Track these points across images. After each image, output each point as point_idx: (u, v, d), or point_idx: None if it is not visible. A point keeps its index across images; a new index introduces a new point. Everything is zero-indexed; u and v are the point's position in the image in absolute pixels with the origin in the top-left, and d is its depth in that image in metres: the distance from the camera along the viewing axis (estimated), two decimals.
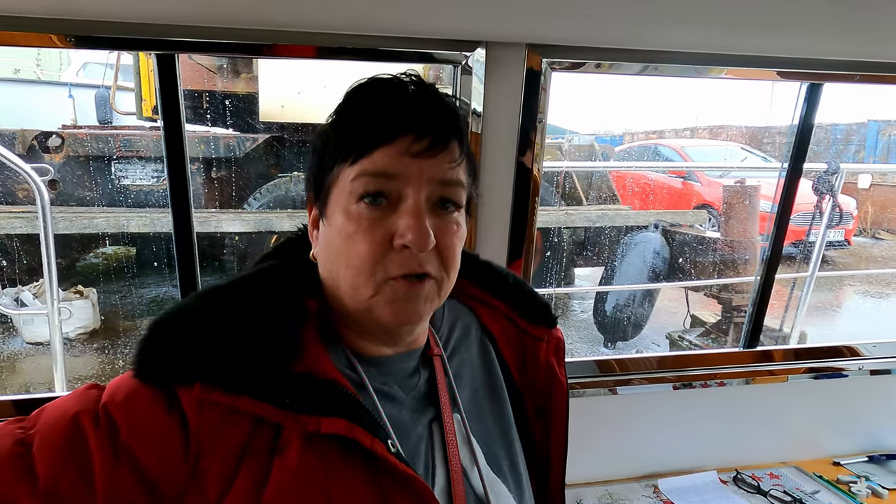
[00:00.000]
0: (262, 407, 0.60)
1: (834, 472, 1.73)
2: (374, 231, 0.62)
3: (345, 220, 0.63)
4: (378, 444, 0.61)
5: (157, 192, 4.79)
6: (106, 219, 4.24)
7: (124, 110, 5.50)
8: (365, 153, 0.62)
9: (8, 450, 0.57)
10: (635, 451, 1.73)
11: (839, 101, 18.28)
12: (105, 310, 4.69)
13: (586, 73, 1.48)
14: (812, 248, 3.05)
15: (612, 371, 1.71)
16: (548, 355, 0.84)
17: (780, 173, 1.69)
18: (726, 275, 4.46)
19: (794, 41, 1.43)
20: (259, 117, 4.75)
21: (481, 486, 0.70)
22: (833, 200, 2.88)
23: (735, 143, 9.62)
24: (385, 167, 0.62)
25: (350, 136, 0.64)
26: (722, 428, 1.76)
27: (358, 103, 0.66)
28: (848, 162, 10.43)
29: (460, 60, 1.36)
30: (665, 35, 1.37)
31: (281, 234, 4.65)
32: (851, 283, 6.11)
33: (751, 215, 4.36)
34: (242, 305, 0.64)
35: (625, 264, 4.61)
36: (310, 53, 1.24)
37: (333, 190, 0.65)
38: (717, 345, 4.30)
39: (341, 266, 0.64)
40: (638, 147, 8.86)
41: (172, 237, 1.35)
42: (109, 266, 5.33)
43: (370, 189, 0.62)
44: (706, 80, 1.69)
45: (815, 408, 1.80)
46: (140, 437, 0.58)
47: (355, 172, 0.62)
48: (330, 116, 0.68)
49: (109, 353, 4.32)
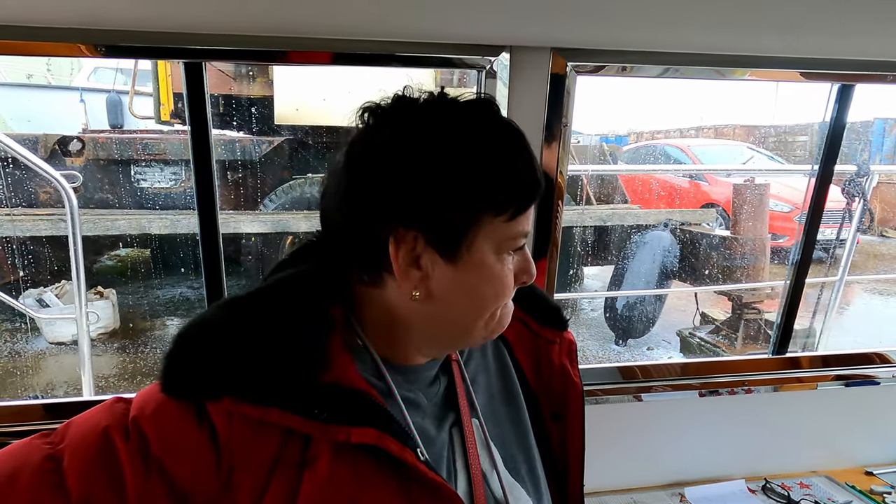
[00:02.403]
0: (292, 419, 0.58)
1: (866, 482, 1.64)
2: (511, 276, 0.67)
3: (498, 268, 0.65)
4: (408, 452, 0.61)
5: (174, 194, 4.76)
6: (128, 221, 4.21)
7: (142, 115, 5.49)
8: (523, 211, 0.64)
9: (38, 465, 0.56)
10: (660, 459, 1.66)
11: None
12: (123, 310, 4.67)
13: (610, 76, 1.44)
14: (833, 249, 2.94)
15: (635, 377, 1.65)
16: (561, 358, 0.83)
17: (809, 174, 1.61)
18: (736, 272, 4.38)
19: (822, 41, 1.37)
20: (274, 120, 4.71)
21: (501, 491, 0.70)
22: (864, 203, 2.78)
23: (741, 142, 9.48)
24: (526, 226, 0.66)
25: (508, 192, 0.63)
26: (749, 436, 1.69)
27: (496, 151, 0.63)
28: (855, 160, 10.28)
29: (485, 65, 1.34)
30: (688, 36, 1.32)
31: (296, 234, 4.61)
32: (860, 282, 5.99)
33: (760, 214, 4.28)
34: (269, 318, 0.63)
35: (635, 262, 4.53)
36: (333, 60, 1.20)
37: (477, 238, 0.63)
38: (727, 341, 4.22)
39: (477, 306, 0.66)
40: (645, 147, 8.74)
41: (189, 239, 1.33)
42: (125, 268, 5.32)
43: (520, 245, 0.66)
44: (723, 81, 1.63)
45: (846, 415, 1.72)
46: (171, 450, 0.57)
47: (514, 231, 0.64)
48: (443, 153, 0.61)
49: (130, 353, 4.30)
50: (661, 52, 1.37)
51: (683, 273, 4.68)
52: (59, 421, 1.39)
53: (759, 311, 4.16)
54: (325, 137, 4.99)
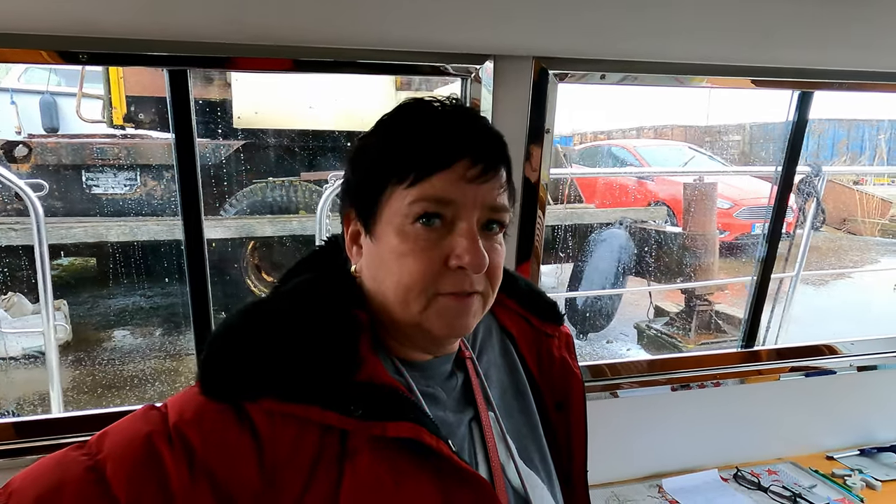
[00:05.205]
0: (331, 416, 0.59)
1: (828, 466, 1.72)
2: (429, 251, 0.63)
3: (399, 240, 0.63)
4: (443, 444, 0.62)
5: (130, 200, 4.54)
6: (84, 229, 3.98)
7: (91, 118, 5.20)
8: (423, 177, 0.62)
9: (80, 476, 0.56)
10: (638, 452, 1.69)
11: (776, 103, 18.99)
12: (74, 322, 4.41)
13: (591, 83, 1.45)
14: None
15: (604, 376, 1.67)
16: (561, 351, 0.85)
17: (774, 177, 1.67)
18: (688, 266, 4.52)
19: (780, 51, 1.43)
20: (233, 123, 4.55)
21: (518, 480, 0.72)
22: (818, 202, 2.91)
23: (679, 141, 9.81)
24: (443, 193, 0.62)
25: (407, 159, 0.63)
26: (720, 427, 1.74)
27: (412, 125, 0.65)
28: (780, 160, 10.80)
29: (470, 73, 1.33)
30: (667, 45, 1.36)
31: (259, 240, 4.48)
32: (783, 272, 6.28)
33: (709, 211, 4.42)
34: (302, 320, 0.64)
35: (594, 259, 4.61)
36: (322, 67, 1.18)
37: (385, 209, 0.64)
38: (682, 332, 4.36)
39: (392, 282, 0.64)
40: (594, 148, 8.92)
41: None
42: (68, 278, 5.03)
43: (429, 212, 0.62)
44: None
45: (807, 405, 1.79)
46: (215, 453, 0.57)
47: (413, 196, 0.62)
48: (374, 134, 0.67)
49: (87, 365, 4.06)
50: (637, 60, 1.40)
51: (639, 268, 4.80)
52: (31, 440, 1.30)
53: (710, 303, 4.31)
54: (286, 141, 4.87)
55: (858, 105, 12.97)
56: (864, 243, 8.61)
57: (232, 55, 1.07)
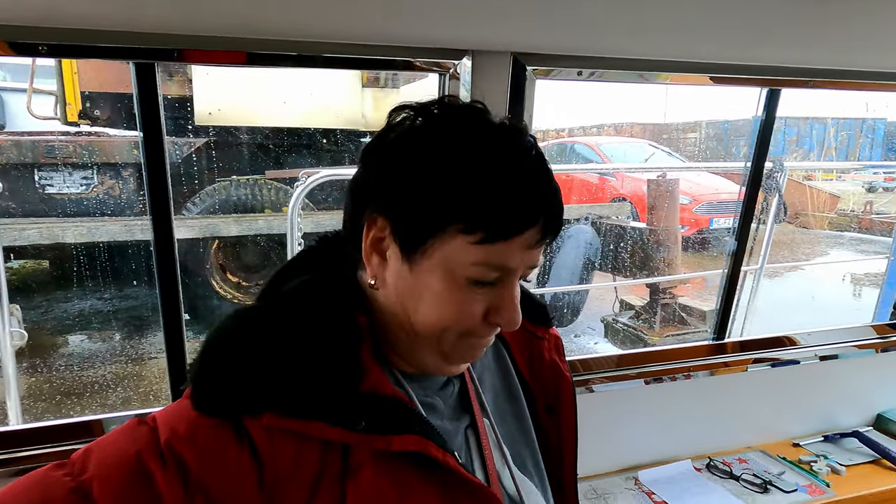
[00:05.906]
0: (335, 431, 0.56)
1: (795, 453, 1.77)
2: (474, 306, 0.60)
3: (445, 287, 0.59)
4: (450, 457, 0.60)
5: (87, 200, 4.35)
6: (38, 230, 3.79)
7: (42, 115, 4.96)
8: (494, 241, 0.56)
9: (64, 498, 0.51)
10: (614, 446, 1.71)
11: (729, 99, 19.50)
12: (27, 326, 4.21)
13: (568, 80, 1.45)
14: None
15: (577, 371, 1.67)
16: (551, 353, 0.84)
17: (743, 173, 1.70)
18: (653, 261, 4.60)
19: (748, 48, 1.44)
20: (195, 121, 4.41)
21: (513, 486, 0.71)
22: (780, 197, 2.99)
23: (642, 139, 10.00)
24: (507, 262, 0.58)
25: (482, 214, 0.56)
26: (692, 418, 1.77)
27: (488, 169, 0.56)
28: (738, 156, 11.15)
29: (448, 69, 1.30)
30: (644, 42, 1.36)
31: (224, 239, 4.36)
32: (746, 265, 6.47)
33: (672, 207, 4.51)
34: (306, 328, 0.59)
35: (561, 255, 4.65)
36: (294, 61, 1.13)
37: (437, 249, 0.58)
38: (647, 325, 4.44)
39: (425, 316, 0.60)
40: (558, 145, 9.01)
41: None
42: (19, 282, 4.81)
43: (487, 279, 0.59)
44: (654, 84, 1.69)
45: (774, 394, 1.83)
46: (212, 472, 0.53)
47: (477, 258, 0.57)
48: (432, 153, 0.57)
49: (44, 372, 3.89)
50: (619, 57, 1.40)
51: (605, 263, 4.87)
52: None
53: (674, 296, 4.40)
54: (250, 137, 4.75)
55: (808, 103, 13.50)
56: (815, 236, 8.96)
57: (188, 47, 1.01)
